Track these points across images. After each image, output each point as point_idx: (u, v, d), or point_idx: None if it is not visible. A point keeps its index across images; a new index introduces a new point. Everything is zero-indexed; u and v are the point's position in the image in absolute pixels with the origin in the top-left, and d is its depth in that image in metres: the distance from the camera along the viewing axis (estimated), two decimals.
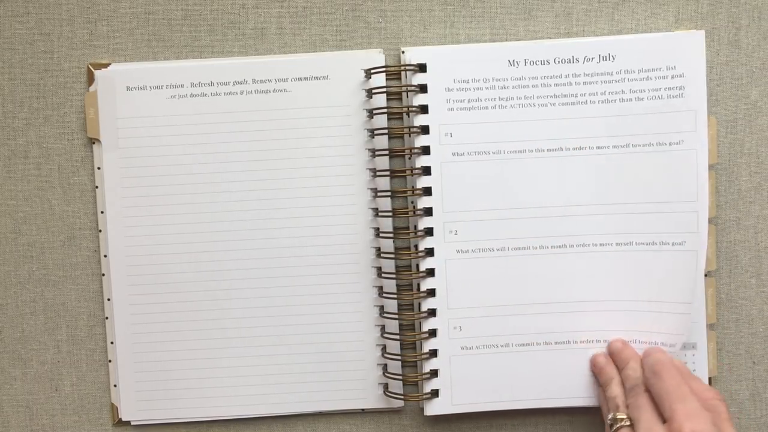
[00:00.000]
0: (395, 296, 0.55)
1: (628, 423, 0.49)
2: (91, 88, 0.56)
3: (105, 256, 0.57)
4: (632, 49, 0.54)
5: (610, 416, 0.51)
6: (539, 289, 0.55)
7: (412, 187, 0.55)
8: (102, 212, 0.57)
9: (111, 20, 0.57)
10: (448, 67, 0.55)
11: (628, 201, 0.55)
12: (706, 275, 0.55)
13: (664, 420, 0.48)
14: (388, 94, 0.55)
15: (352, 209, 0.56)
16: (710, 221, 0.56)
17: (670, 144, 0.54)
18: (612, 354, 0.55)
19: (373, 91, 0.55)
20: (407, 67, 0.55)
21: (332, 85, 0.55)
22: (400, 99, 0.56)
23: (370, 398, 0.56)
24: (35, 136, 0.57)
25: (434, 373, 0.55)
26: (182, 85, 0.55)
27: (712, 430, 0.46)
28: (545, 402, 0.55)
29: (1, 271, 0.58)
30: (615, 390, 0.52)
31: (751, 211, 0.57)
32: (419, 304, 0.56)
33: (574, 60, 0.55)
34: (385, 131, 0.55)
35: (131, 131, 0.56)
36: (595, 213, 0.55)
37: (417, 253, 0.55)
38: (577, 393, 0.55)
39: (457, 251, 0.55)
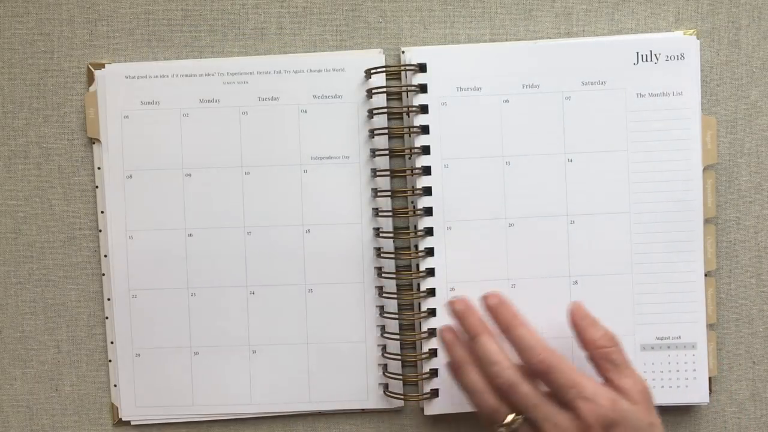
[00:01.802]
0: (395, 296, 0.55)
1: (520, 419, 0.46)
2: (91, 88, 0.56)
3: (105, 256, 0.57)
4: (632, 49, 0.54)
5: (500, 427, 0.47)
6: (540, 289, 0.55)
7: (412, 187, 0.55)
8: (102, 212, 0.57)
9: (111, 20, 0.57)
10: (448, 67, 0.55)
11: (628, 201, 0.55)
12: (706, 275, 0.55)
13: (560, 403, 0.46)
14: (388, 94, 0.55)
15: (352, 209, 0.56)
16: (710, 221, 0.56)
17: (667, 144, 0.54)
18: (457, 317, 0.50)
19: (373, 91, 0.55)
20: (407, 67, 0.55)
21: (332, 85, 0.55)
22: (400, 99, 0.56)
23: (370, 398, 0.56)
24: (35, 136, 0.57)
25: (434, 373, 0.55)
26: (182, 86, 0.55)
27: (612, 408, 0.44)
28: None
29: (1, 271, 0.58)
30: (474, 380, 0.48)
31: (751, 211, 0.57)
32: (419, 303, 0.56)
33: (574, 60, 0.55)
34: (385, 131, 0.55)
35: (131, 131, 0.56)
36: (595, 213, 0.55)
37: (417, 253, 0.55)
38: None
39: (457, 251, 0.55)
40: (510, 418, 0.47)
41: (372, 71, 0.55)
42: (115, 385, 0.57)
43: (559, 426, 0.45)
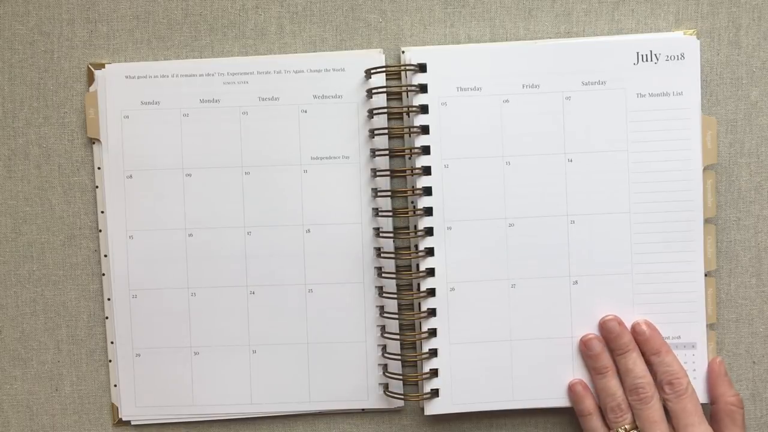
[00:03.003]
0: (395, 296, 0.55)
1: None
2: (91, 88, 0.56)
3: (105, 256, 0.57)
4: (632, 49, 0.54)
5: (615, 428, 0.51)
6: (540, 289, 0.55)
7: (412, 187, 0.55)
8: (102, 212, 0.57)
9: (111, 20, 0.57)
10: (448, 67, 0.55)
11: (628, 201, 0.55)
12: (706, 275, 0.55)
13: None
14: (388, 94, 0.55)
15: (352, 209, 0.56)
16: (710, 221, 0.56)
17: (667, 144, 0.54)
18: (606, 335, 0.54)
19: (373, 91, 0.55)
20: (407, 67, 0.55)
21: (332, 85, 0.55)
22: (400, 99, 0.56)
23: (370, 398, 0.56)
24: (35, 136, 0.57)
25: (434, 373, 0.55)
26: (182, 85, 0.55)
27: None
28: (545, 402, 0.55)
29: (1, 271, 0.58)
30: (613, 384, 0.52)
31: (751, 211, 0.57)
32: (419, 304, 0.56)
33: (574, 60, 0.55)
34: (385, 131, 0.55)
35: (131, 131, 0.56)
36: (595, 213, 0.55)
37: (417, 253, 0.55)
38: None
39: (457, 251, 0.55)
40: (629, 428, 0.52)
41: (372, 71, 0.55)
42: (115, 385, 0.57)
43: None
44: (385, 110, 0.55)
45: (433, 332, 0.55)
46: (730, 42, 0.56)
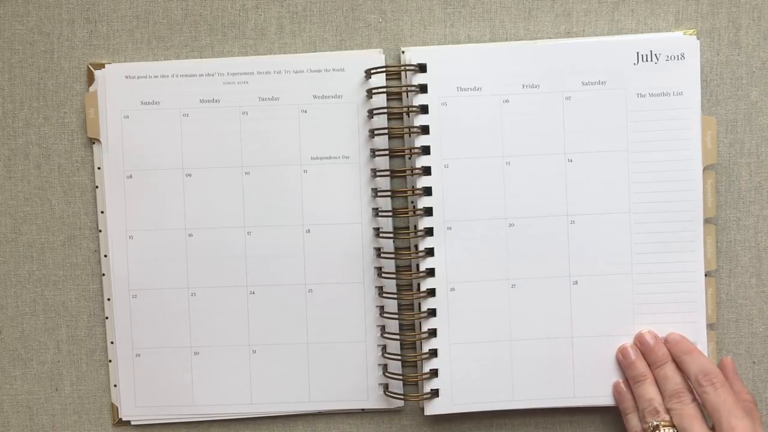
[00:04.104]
0: (395, 296, 0.55)
1: (672, 431, 0.51)
2: (91, 88, 0.56)
3: (105, 256, 0.57)
4: (632, 49, 0.54)
5: (651, 422, 0.51)
6: (540, 289, 0.55)
7: (412, 187, 0.55)
8: (102, 212, 0.57)
9: (111, 20, 0.57)
10: (448, 67, 0.55)
11: (628, 201, 0.55)
12: (706, 275, 0.55)
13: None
14: (388, 94, 0.55)
15: (352, 209, 0.56)
16: (710, 221, 0.56)
17: (667, 144, 0.55)
18: (642, 348, 0.54)
19: (373, 91, 0.55)
20: (407, 67, 0.55)
21: (332, 85, 0.55)
22: (400, 99, 0.56)
23: (370, 398, 0.56)
24: (35, 136, 0.57)
25: (434, 373, 0.55)
26: (182, 85, 0.55)
27: None
28: (545, 402, 0.55)
29: (1, 271, 0.58)
30: (651, 391, 0.53)
31: (751, 211, 0.57)
32: (419, 304, 0.56)
33: (574, 60, 0.55)
34: (385, 131, 0.55)
35: (131, 131, 0.56)
36: (595, 213, 0.55)
37: (417, 253, 0.55)
38: (577, 393, 0.55)
39: (458, 251, 0.55)
40: (664, 421, 0.51)
41: (372, 71, 0.55)
42: (115, 385, 0.57)
43: None
44: (385, 110, 0.55)
45: (433, 332, 0.55)
46: (730, 42, 0.56)
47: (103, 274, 0.57)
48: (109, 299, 0.57)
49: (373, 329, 0.56)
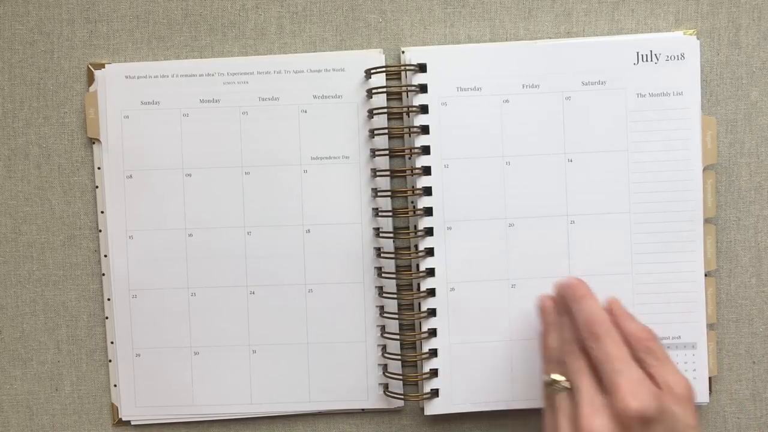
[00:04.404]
0: (395, 296, 0.55)
1: (567, 386, 0.46)
2: (91, 88, 0.56)
3: (105, 256, 0.57)
4: (632, 49, 0.55)
5: (545, 378, 0.47)
6: (540, 289, 0.55)
7: (412, 187, 0.55)
8: (102, 212, 0.57)
9: (111, 20, 0.57)
10: (448, 67, 0.55)
11: (628, 201, 0.55)
12: (706, 275, 0.55)
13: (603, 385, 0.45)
14: (388, 94, 0.55)
15: (352, 209, 0.56)
16: (710, 221, 0.56)
17: (667, 144, 0.55)
18: (558, 293, 0.50)
19: (373, 91, 0.55)
20: (407, 67, 0.55)
21: (332, 85, 0.55)
22: (400, 99, 0.56)
23: (370, 398, 0.57)
24: (35, 136, 0.57)
25: (434, 373, 0.55)
26: (182, 85, 0.55)
27: (655, 404, 0.42)
28: None
29: (1, 271, 0.58)
30: (553, 341, 0.49)
31: (751, 211, 0.57)
32: (419, 304, 0.56)
33: (574, 60, 0.55)
34: (385, 131, 0.55)
35: (131, 131, 0.56)
36: (595, 213, 0.55)
37: (417, 253, 0.55)
38: None
39: (457, 251, 0.55)
40: (559, 377, 0.46)
41: (372, 71, 0.55)
42: (115, 385, 0.57)
43: (595, 406, 0.43)
44: (385, 110, 0.55)
45: (433, 332, 0.55)
46: (730, 42, 0.56)
47: (103, 274, 0.57)
48: (109, 299, 0.57)
49: (373, 329, 0.56)
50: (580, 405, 0.44)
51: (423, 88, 0.55)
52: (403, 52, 0.56)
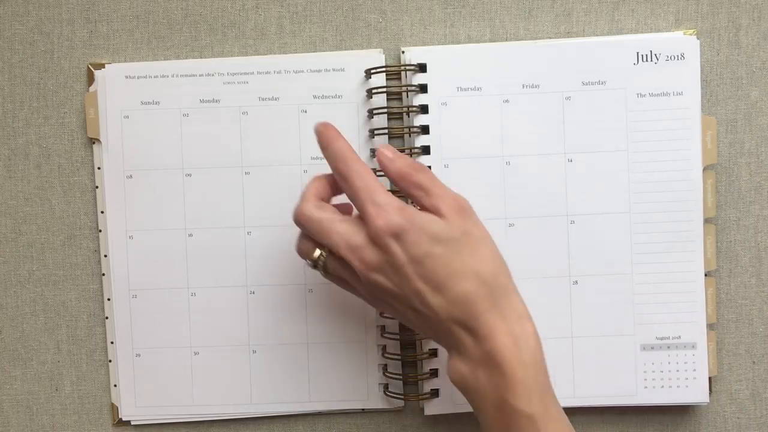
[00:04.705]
0: None
1: (325, 252, 0.47)
2: (91, 88, 0.56)
3: (105, 256, 0.57)
4: (632, 49, 0.54)
5: (309, 263, 0.48)
6: (540, 289, 0.55)
7: None
8: (102, 212, 0.57)
9: (111, 20, 0.57)
10: (448, 67, 0.55)
11: (628, 201, 0.55)
12: (706, 275, 0.55)
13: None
14: (388, 94, 0.55)
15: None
16: (710, 221, 0.56)
17: (667, 144, 0.55)
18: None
19: (373, 91, 0.55)
20: (407, 67, 0.55)
21: (332, 85, 0.55)
22: (400, 99, 0.56)
23: (370, 398, 0.56)
24: (35, 136, 0.57)
25: (434, 373, 0.55)
26: (182, 85, 0.55)
27: (399, 217, 0.44)
28: None
29: (1, 271, 0.58)
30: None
31: (751, 211, 0.57)
32: None
33: (574, 60, 0.55)
34: (385, 131, 0.55)
35: (131, 131, 0.56)
36: (595, 213, 0.55)
37: None
38: (577, 393, 0.55)
39: None
40: (317, 253, 0.47)
41: (372, 71, 0.55)
42: (115, 385, 0.57)
43: (352, 243, 0.45)
44: (385, 110, 0.55)
45: None
46: (730, 42, 0.56)
47: (103, 274, 0.57)
48: (109, 299, 0.57)
49: (373, 329, 0.56)
50: (346, 256, 0.45)
51: (423, 88, 0.55)
52: (403, 52, 0.56)
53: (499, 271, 0.45)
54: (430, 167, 0.55)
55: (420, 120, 0.55)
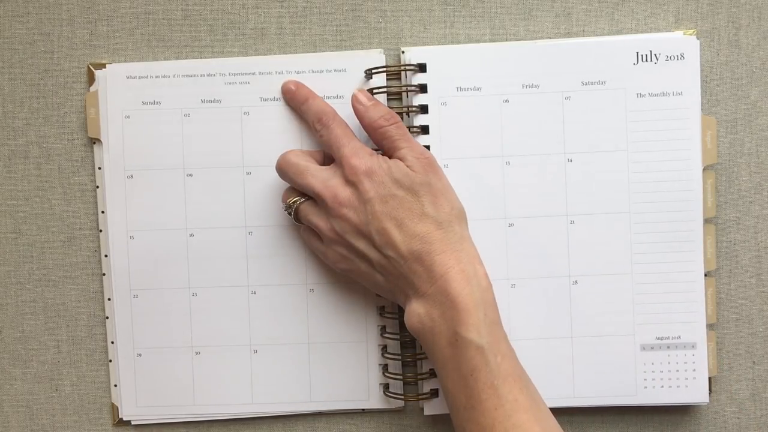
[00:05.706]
0: None
1: (302, 198, 0.52)
2: (92, 88, 0.56)
3: (105, 256, 0.57)
4: (632, 49, 0.55)
5: (285, 207, 0.53)
6: (540, 289, 0.55)
7: None
8: (102, 212, 0.57)
9: (111, 20, 0.57)
10: (448, 67, 0.55)
11: (628, 201, 0.55)
12: (705, 275, 0.55)
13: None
14: (388, 94, 0.56)
15: None
16: (710, 221, 0.56)
17: (667, 144, 0.55)
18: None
19: (374, 91, 0.55)
20: (407, 67, 0.55)
21: (333, 86, 0.55)
22: (400, 99, 0.56)
23: (370, 398, 0.57)
24: (35, 136, 0.57)
25: (434, 373, 0.55)
26: (183, 86, 0.55)
27: (371, 160, 0.49)
28: (545, 402, 0.55)
29: (1, 271, 0.58)
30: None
31: (751, 211, 0.57)
32: None
33: (574, 60, 0.55)
34: None
35: (132, 131, 0.56)
36: (595, 213, 0.55)
37: None
38: (577, 393, 0.55)
39: None
40: (293, 198, 0.53)
41: (372, 71, 0.55)
42: (115, 385, 0.57)
43: (327, 182, 0.50)
44: None
45: None
46: (730, 42, 0.56)
47: (104, 274, 0.57)
48: (109, 299, 0.57)
49: (373, 329, 0.56)
50: (321, 192, 0.50)
51: (423, 88, 0.55)
52: (403, 52, 0.56)
53: (455, 221, 0.50)
54: None
55: (420, 120, 0.55)
